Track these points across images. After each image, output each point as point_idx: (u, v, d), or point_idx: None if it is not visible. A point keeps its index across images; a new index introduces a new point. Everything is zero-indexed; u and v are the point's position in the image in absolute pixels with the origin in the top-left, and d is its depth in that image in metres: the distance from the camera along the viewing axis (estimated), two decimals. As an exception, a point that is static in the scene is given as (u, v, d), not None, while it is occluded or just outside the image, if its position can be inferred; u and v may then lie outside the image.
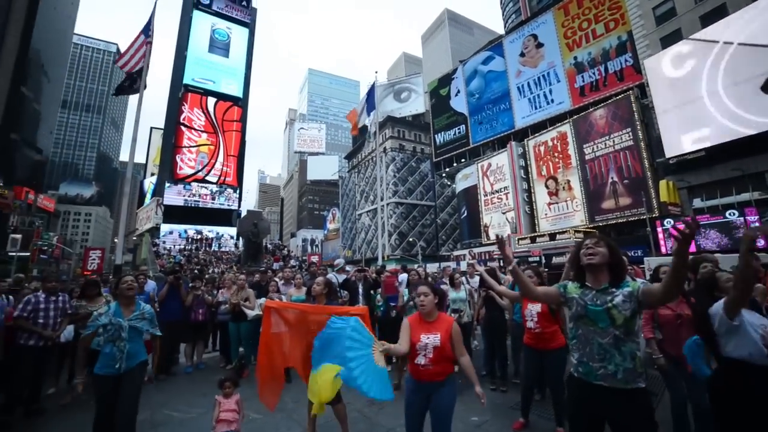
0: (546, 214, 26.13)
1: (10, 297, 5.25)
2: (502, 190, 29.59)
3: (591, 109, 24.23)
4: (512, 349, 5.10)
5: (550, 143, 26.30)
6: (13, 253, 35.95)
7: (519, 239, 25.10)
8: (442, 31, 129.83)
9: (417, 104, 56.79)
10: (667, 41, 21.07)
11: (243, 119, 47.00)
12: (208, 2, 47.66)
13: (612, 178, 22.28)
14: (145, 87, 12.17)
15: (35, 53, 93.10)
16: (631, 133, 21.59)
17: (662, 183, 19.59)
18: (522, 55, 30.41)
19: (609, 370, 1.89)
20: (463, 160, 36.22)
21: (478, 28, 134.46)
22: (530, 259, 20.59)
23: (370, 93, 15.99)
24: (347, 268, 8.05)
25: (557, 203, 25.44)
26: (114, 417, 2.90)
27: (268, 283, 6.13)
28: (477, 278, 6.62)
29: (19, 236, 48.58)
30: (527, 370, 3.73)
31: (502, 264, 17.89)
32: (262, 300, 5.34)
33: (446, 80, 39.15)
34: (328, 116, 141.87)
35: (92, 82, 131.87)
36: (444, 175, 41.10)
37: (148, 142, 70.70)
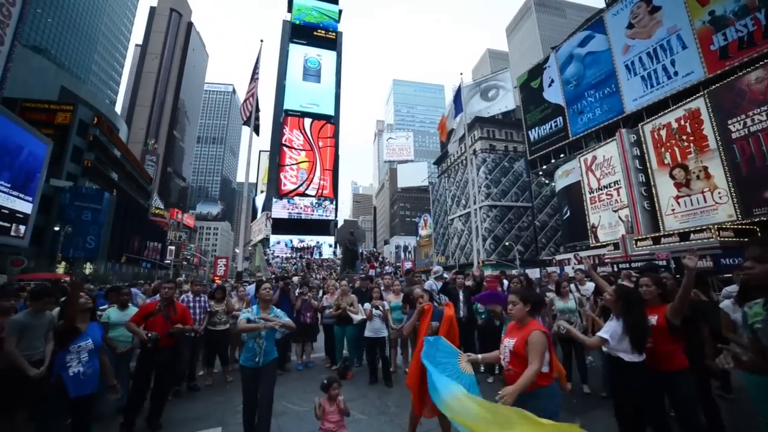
0: (673, 210, 21.75)
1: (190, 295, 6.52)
2: (612, 185, 25.78)
3: (740, 73, 19.31)
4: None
5: (675, 125, 21.93)
6: (168, 261, 44.72)
7: (637, 240, 21.46)
8: (529, 18, 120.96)
9: (506, 101, 53.72)
10: None
11: (336, 135, 50.94)
12: (300, 37, 53.38)
13: (778, 157, 17.39)
14: (257, 125, 14.20)
15: (181, 103, 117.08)
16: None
17: None
18: (630, 26, 26.23)
19: None
20: (562, 155, 32.79)
21: (570, 8, 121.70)
22: (655, 263, 17.31)
23: (457, 96, 15.71)
24: (445, 275, 7.95)
25: (689, 196, 20.97)
26: (254, 403, 3.56)
27: (370, 289, 6.40)
28: (589, 285, 5.88)
29: (173, 248, 60.57)
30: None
31: (619, 268, 15.51)
32: (367, 305, 5.61)
33: (537, 71, 36.18)
34: (415, 123, 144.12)
35: (216, 118, 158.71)
36: (541, 173, 37.79)
37: (258, 163, 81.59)
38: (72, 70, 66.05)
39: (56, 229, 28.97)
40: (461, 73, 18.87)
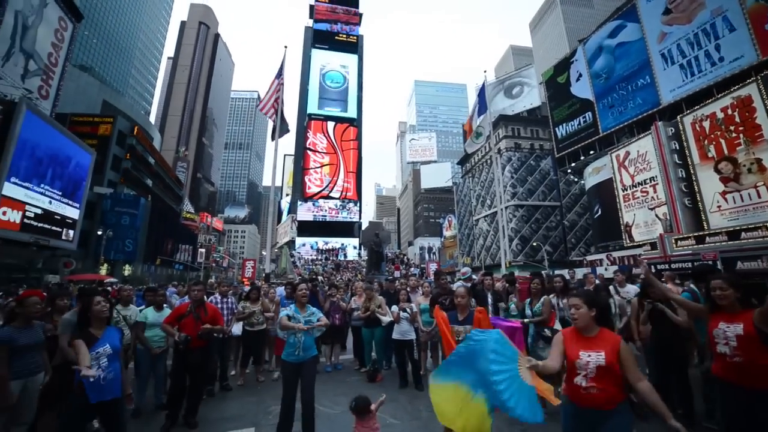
0: (719, 206, 20.24)
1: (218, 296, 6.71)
2: (648, 181, 24.41)
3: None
4: (704, 381, 3.91)
5: (721, 115, 20.43)
6: (200, 262, 46.42)
7: (677, 240, 20.20)
8: (554, 11, 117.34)
9: (531, 98, 52.24)
10: None
11: (359, 137, 51.31)
12: (322, 42, 54.24)
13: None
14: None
15: (209, 111, 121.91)
16: None
17: None
18: (667, 12, 24.72)
19: None
20: (591, 152, 31.46)
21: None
22: (707, 264, 16.09)
23: (481, 94, 15.37)
24: (474, 276, 7.75)
25: (738, 191, 19.43)
26: (293, 397, 3.69)
27: (398, 291, 6.31)
28: (630, 288, 5.53)
29: (203, 250, 62.85)
30: (727, 415, 2.60)
31: (657, 269, 14.55)
32: (395, 308, 5.52)
33: (564, 66, 34.93)
34: (437, 124, 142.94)
35: (242, 125, 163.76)
36: (569, 171, 36.42)
37: (283, 167, 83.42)
38: (112, 84, 70.24)
39: (99, 233, 30.78)
40: (485, 71, 18.43)
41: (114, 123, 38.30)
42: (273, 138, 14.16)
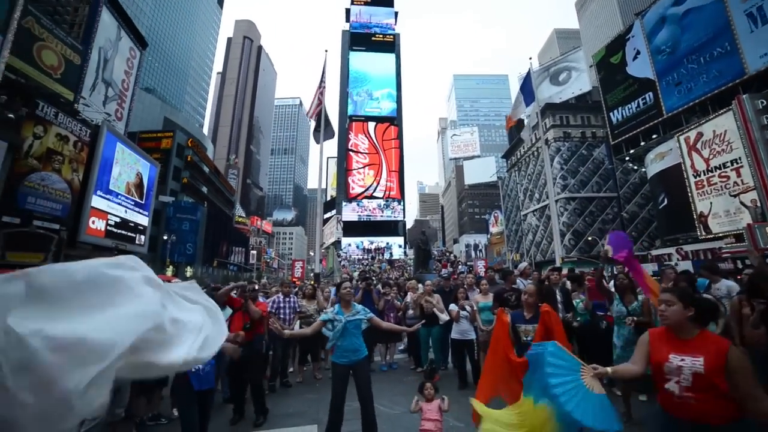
0: (822, 190, 17.46)
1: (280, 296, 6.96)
2: (729, 164, 21.63)
3: None
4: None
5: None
6: (252, 263, 49.06)
7: (771, 230, 17.70)
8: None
9: (580, 83, 48.85)
10: None
11: (399, 136, 51.36)
12: (359, 44, 54.92)
13: None
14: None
15: (256, 120, 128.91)
16: None
17: None
18: (753, -39, 21.57)
19: None
20: (654, 136, 28.62)
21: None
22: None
23: (526, 83, 14.55)
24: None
25: None
26: (342, 400, 3.60)
27: (455, 288, 6.12)
28: (723, 284, 4.85)
29: (254, 252, 66.43)
30: None
31: (744, 264, 12.68)
32: (452, 306, 5.34)
33: (618, 44, 32.16)
34: (479, 117, 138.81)
35: (286, 131, 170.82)
36: (627, 159, 33.51)
37: (326, 170, 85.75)
38: (171, 102, 76.71)
39: (164, 237, 33.68)
40: (530, 58, 17.44)
41: (173, 137, 41.70)
42: (318, 141, 14.53)
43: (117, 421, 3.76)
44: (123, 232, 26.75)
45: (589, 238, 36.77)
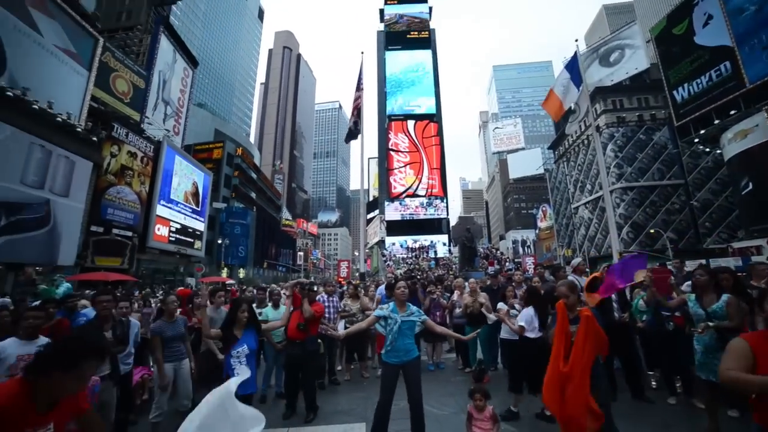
0: None
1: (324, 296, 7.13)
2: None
3: None
4: None
5: None
6: (300, 264, 51.02)
7: None
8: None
9: (636, 61, 44.74)
10: None
11: (440, 133, 50.62)
12: (395, 43, 54.95)
13: None
14: (359, 132, 14.98)
15: (298, 126, 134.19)
16: None
17: None
18: None
19: None
20: (733, 111, 25.25)
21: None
22: None
23: (572, 65, 13.53)
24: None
25: None
26: (390, 399, 3.59)
27: (503, 287, 5.86)
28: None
29: (301, 253, 69.08)
30: None
31: None
32: (501, 305, 5.11)
33: (682, 12, 28.93)
34: (522, 108, 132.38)
35: (327, 134, 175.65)
36: (696, 141, 30.11)
37: (368, 170, 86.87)
38: (220, 114, 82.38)
39: (219, 241, 36.13)
40: (576, 40, 16.21)
41: (224, 147, 44.63)
42: (346, 141, 14.83)
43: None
44: (183, 237, 29.26)
45: (652, 231, 33.61)
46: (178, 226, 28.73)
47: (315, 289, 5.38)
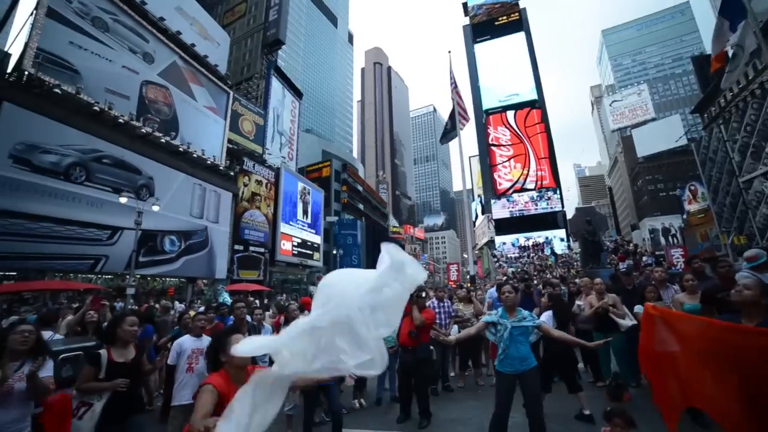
0: None
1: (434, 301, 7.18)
2: None
3: None
4: None
5: None
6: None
7: None
8: None
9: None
10: None
11: (545, 119, 46.08)
12: (482, 34, 52.45)
13: None
14: (455, 134, 14.64)
15: (396, 135, 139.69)
16: None
17: None
18: None
19: None
20: None
21: None
22: None
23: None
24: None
25: None
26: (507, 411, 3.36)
27: (641, 287, 4.89)
28: None
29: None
30: None
31: None
32: (638, 308, 4.25)
33: None
34: (647, 71, 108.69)
35: (424, 139, 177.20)
36: None
37: (470, 169, 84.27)
38: (325, 136, 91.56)
39: (334, 252, 39.75)
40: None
41: (331, 165, 49.18)
42: (441, 141, 14.65)
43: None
44: (304, 250, 33.55)
45: None
46: (299, 241, 33.02)
47: (423, 295, 5.24)
